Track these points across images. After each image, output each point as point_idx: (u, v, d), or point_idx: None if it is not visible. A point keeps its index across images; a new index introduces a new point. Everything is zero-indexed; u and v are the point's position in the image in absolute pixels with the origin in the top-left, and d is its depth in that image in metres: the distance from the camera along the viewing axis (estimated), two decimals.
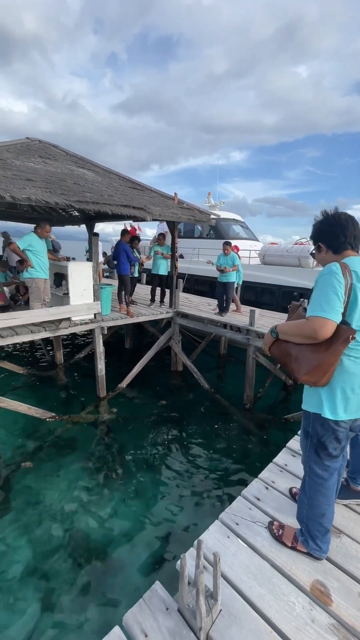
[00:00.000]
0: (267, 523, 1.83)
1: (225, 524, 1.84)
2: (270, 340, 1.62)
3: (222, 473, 4.60)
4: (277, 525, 1.80)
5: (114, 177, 6.95)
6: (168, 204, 6.62)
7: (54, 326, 5.41)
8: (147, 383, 7.19)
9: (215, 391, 6.95)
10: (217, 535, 1.76)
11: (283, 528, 1.77)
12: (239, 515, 1.90)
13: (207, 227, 11.78)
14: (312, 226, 1.59)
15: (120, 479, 4.38)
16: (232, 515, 1.90)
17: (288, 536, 1.72)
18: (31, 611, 2.77)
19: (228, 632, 1.33)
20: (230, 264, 6.81)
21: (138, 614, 1.38)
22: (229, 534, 1.77)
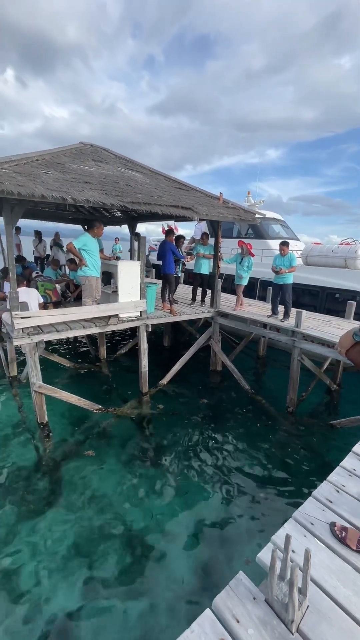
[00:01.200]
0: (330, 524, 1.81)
1: (300, 523, 1.85)
2: (349, 342, 1.54)
3: (268, 474, 4.57)
4: (339, 527, 1.77)
5: (160, 178, 7.09)
6: (213, 204, 6.65)
7: (104, 322, 5.64)
8: (187, 381, 7.28)
9: (256, 393, 6.89)
10: (294, 533, 1.77)
11: (346, 530, 1.74)
12: (312, 516, 1.90)
13: (245, 227, 11.64)
14: None
15: (166, 473, 4.49)
16: (306, 514, 1.90)
17: (352, 539, 1.69)
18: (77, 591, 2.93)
19: (319, 628, 1.34)
20: (287, 264, 6.45)
21: (227, 600, 1.44)
22: (306, 534, 1.78)
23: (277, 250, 10.54)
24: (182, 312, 6.94)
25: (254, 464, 4.78)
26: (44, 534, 3.48)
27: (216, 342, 7.58)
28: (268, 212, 11.99)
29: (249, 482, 4.41)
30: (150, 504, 3.96)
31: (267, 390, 7.35)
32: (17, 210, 4.50)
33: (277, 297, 6.73)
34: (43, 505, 3.87)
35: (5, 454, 4.72)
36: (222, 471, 4.60)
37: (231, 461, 4.81)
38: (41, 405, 5.24)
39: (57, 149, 6.05)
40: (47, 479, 4.31)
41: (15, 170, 4.45)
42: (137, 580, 3.05)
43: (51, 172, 4.92)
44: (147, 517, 3.76)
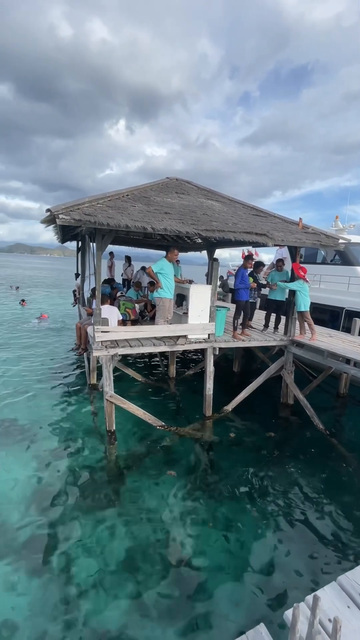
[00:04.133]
0: None
1: (344, 589, 1.60)
2: None
3: (335, 528, 3.99)
4: None
5: (238, 206, 7.28)
6: (291, 229, 6.47)
7: (172, 342, 5.91)
8: (253, 410, 6.96)
9: (331, 434, 6.14)
10: (335, 600, 1.54)
11: None
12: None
13: (331, 253, 10.86)
14: None
15: (218, 502, 4.32)
16: (354, 582, 1.63)
17: None
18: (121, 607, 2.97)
19: None
20: None
21: None
22: (350, 604, 1.52)
23: None
24: (252, 338, 6.77)
25: (318, 513, 4.23)
26: (97, 538, 3.69)
27: (289, 372, 7.11)
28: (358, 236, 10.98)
29: (307, 531, 3.91)
30: (201, 532, 3.85)
31: (347, 433, 6.49)
32: (107, 238, 5.19)
33: None
34: (102, 507, 4.13)
35: (76, 454, 5.23)
36: (281, 514, 4.19)
37: (293, 505, 4.35)
38: (111, 414, 5.68)
39: (145, 184, 6.82)
40: (109, 484, 4.59)
41: (108, 204, 5.18)
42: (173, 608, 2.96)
43: (137, 205, 5.57)
44: (199, 544, 3.67)
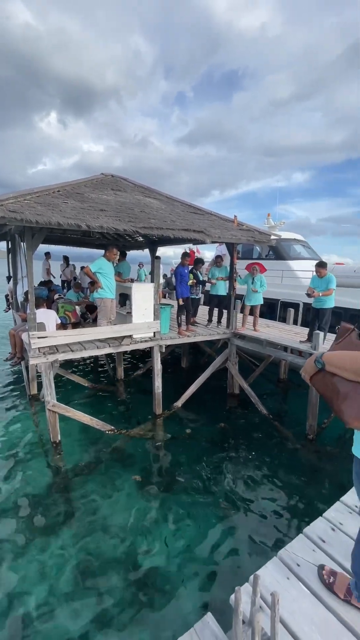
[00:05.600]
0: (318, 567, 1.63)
1: (284, 563, 1.69)
2: (313, 369, 1.34)
3: (279, 506, 4.26)
4: (328, 570, 1.59)
5: (176, 204, 7.34)
6: (227, 227, 6.73)
7: (117, 343, 5.75)
8: (202, 403, 7.12)
9: (274, 418, 6.57)
10: (276, 575, 1.62)
11: (335, 575, 1.56)
12: (300, 556, 1.73)
13: (266, 248, 11.60)
14: None
15: (173, 499, 4.32)
16: (293, 554, 1.74)
17: (340, 587, 1.50)
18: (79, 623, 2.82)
19: None
20: (324, 287, 5.85)
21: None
22: (289, 575, 1.62)
23: (298, 272, 10.36)
24: (197, 333, 6.91)
25: (269, 493, 4.48)
26: (50, 556, 3.45)
27: (233, 364, 7.41)
28: (289, 233, 11.90)
29: (257, 513, 4.12)
30: (160, 531, 3.81)
31: (287, 415, 6.98)
32: (37, 237, 4.83)
33: (314, 322, 6.21)
34: (51, 526, 3.86)
35: (18, 471, 4.81)
36: (236, 499, 4.35)
37: (245, 489, 4.55)
38: (54, 424, 5.34)
39: (78, 180, 6.51)
40: (57, 499, 4.31)
41: (36, 200, 4.83)
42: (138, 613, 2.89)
43: (70, 201, 5.28)
44: (156, 544, 3.62)
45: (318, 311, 6.12)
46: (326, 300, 5.97)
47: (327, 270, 6.00)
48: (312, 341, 5.93)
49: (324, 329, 6.07)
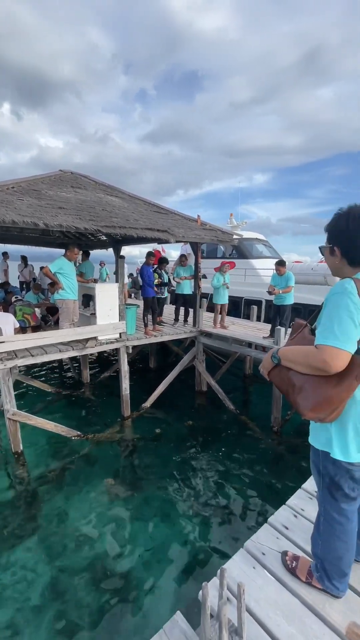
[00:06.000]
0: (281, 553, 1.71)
1: (250, 553, 1.74)
2: (270, 364, 1.41)
3: (249, 499, 4.39)
4: (290, 556, 1.66)
5: (139, 202, 7.27)
6: (191, 226, 6.79)
7: (81, 345, 5.58)
8: (171, 403, 7.13)
9: (241, 412, 6.75)
10: (242, 566, 1.66)
11: (297, 560, 1.63)
12: (265, 545, 1.79)
13: (229, 247, 11.88)
14: (333, 216, 1.32)
15: (143, 501, 4.29)
16: (258, 544, 1.80)
17: (302, 570, 1.58)
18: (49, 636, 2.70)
19: None
20: (283, 285, 6.13)
21: None
22: (255, 565, 1.67)
23: (260, 270, 10.73)
24: (164, 333, 6.90)
25: (237, 487, 4.59)
26: (16, 571, 3.26)
27: (200, 362, 7.51)
28: (250, 232, 12.29)
29: (227, 507, 4.21)
30: (129, 535, 3.75)
31: (253, 409, 7.21)
32: None
33: (275, 318, 6.47)
34: (15, 539, 3.65)
35: None
36: (205, 495, 4.40)
37: (214, 485, 4.62)
38: (15, 434, 5.06)
39: (35, 176, 6.21)
40: (21, 511, 4.09)
41: None
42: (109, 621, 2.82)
43: (26, 198, 5.02)
44: (125, 548, 3.56)
45: (279, 308, 6.39)
46: (286, 297, 6.25)
47: (287, 269, 6.28)
48: (274, 337, 6.17)
49: (285, 325, 6.35)
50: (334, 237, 1.32)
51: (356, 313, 1.15)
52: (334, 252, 1.32)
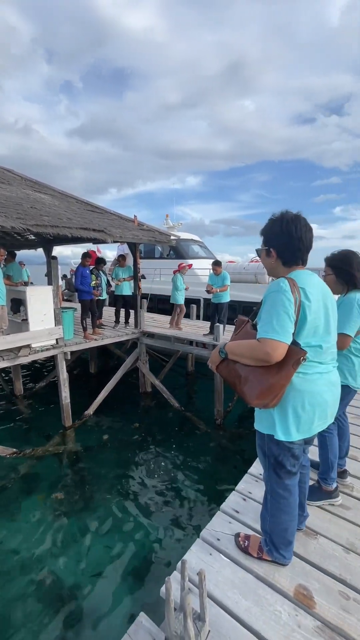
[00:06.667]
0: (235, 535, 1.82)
1: (206, 541, 1.82)
2: (218, 359, 1.52)
3: (200, 491, 4.54)
4: (242, 536, 1.79)
5: (72, 200, 6.94)
6: (128, 226, 6.73)
7: (13, 354, 5.12)
8: (115, 407, 6.97)
9: (186, 409, 6.92)
10: (200, 554, 1.73)
11: (249, 539, 1.76)
12: (219, 531, 1.89)
13: (167, 248, 12.07)
14: (268, 221, 1.45)
15: (93, 511, 4.12)
16: (213, 531, 1.89)
17: (254, 547, 1.71)
18: None
19: None
20: (220, 283, 6.48)
21: None
22: (212, 551, 1.75)
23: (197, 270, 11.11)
24: (104, 336, 6.72)
25: (187, 481, 4.71)
26: None
27: (143, 363, 7.49)
28: (186, 233, 12.65)
29: (184, 503, 4.30)
30: (79, 549, 3.56)
31: (197, 405, 7.46)
32: None
33: (214, 315, 6.76)
34: None
35: None
36: (157, 495, 4.41)
37: (164, 483, 4.66)
38: None
39: None
40: None
41: None
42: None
43: None
44: (78, 564, 3.37)
45: (217, 306, 6.72)
46: (223, 295, 6.61)
47: (222, 268, 6.64)
48: (213, 333, 6.47)
49: (223, 322, 6.71)
50: (269, 240, 1.47)
51: (291, 308, 1.30)
52: (270, 253, 1.47)
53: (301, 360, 1.32)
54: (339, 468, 2.29)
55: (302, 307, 1.33)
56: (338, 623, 1.40)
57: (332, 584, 1.58)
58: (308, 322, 1.35)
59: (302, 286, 1.35)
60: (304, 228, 1.40)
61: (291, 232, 1.39)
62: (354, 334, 2.01)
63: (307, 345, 1.37)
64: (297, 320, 1.32)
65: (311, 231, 1.43)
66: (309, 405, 1.40)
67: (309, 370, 1.41)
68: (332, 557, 1.72)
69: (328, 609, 1.46)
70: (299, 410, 1.41)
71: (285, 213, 1.43)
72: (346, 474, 2.37)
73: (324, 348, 1.41)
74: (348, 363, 2.09)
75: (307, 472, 1.79)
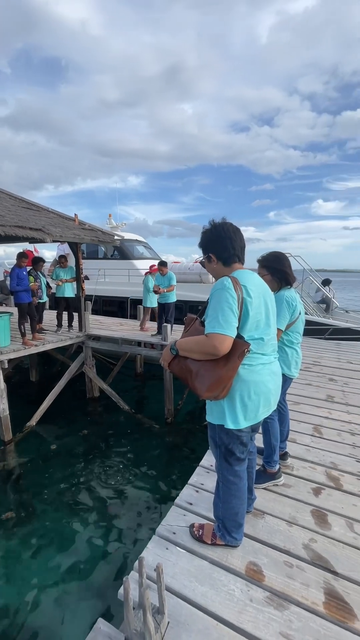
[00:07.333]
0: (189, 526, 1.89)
1: (162, 536, 1.84)
2: (169, 356, 1.59)
3: (154, 491, 4.55)
4: (197, 526, 1.86)
5: (4, 196, 6.42)
6: (68, 225, 6.45)
7: None
8: (61, 416, 6.63)
9: (136, 411, 6.87)
10: (157, 550, 1.75)
11: (203, 528, 1.84)
12: (175, 525, 1.93)
13: (111, 248, 11.81)
14: (201, 234, 1.61)
15: (42, 528, 3.87)
16: (168, 526, 1.92)
17: (207, 534, 1.80)
18: None
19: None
20: (167, 284, 6.57)
21: None
22: (168, 545, 1.78)
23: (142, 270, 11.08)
24: (46, 341, 6.34)
25: (141, 483, 4.68)
26: None
27: (90, 367, 7.23)
28: (130, 234, 12.53)
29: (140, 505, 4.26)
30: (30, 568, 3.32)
31: (148, 406, 7.45)
32: None
33: (161, 316, 6.80)
34: None
35: None
36: (110, 501, 4.30)
37: (118, 488, 4.56)
38: None
39: None
40: None
41: None
42: None
43: None
44: (30, 585, 3.13)
45: (164, 306, 6.79)
46: (170, 295, 6.71)
47: (168, 269, 6.73)
48: (162, 333, 6.53)
49: (170, 321, 6.80)
50: (207, 248, 1.61)
51: (234, 304, 1.40)
52: (211, 259, 1.60)
53: (245, 352, 1.42)
54: (280, 451, 2.50)
55: (245, 303, 1.43)
56: (284, 590, 1.54)
57: (278, 555, 1.73)
58: (250, 316, 1.46)
59: (244, 284, 1.46)
60: (230, 228, 1.56)
61: (221, 234, 1.55)
62: (285, 328, 2.22)
63: (251, 338, 1.48)
64: (240, 315, 1.43)
65: (239, 231, 1.59)
66: (255, 394, 1.51)
67: (253, 362, 1.52)
68: (277, 532, 1.88)
69: (275, 579, 1.60)
70: (246, 400, 1.51)
71: (212, 222, 1.60)
72: (287, 455, 2.59)
73: (265, 340, 1.54)
74: (282, 354, 2.29)
75: (254, 457, 1.93)
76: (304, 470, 2.50)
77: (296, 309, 2.26)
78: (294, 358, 2.34)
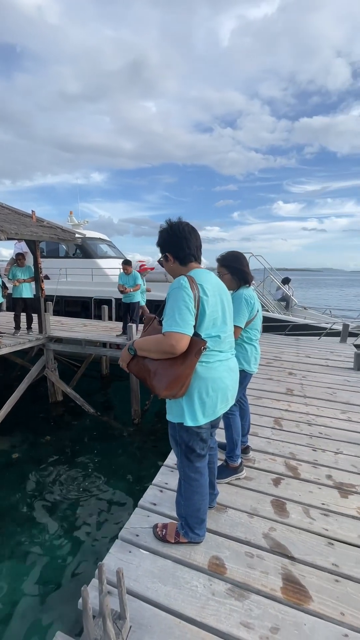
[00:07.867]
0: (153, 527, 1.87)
1: (125, 540, 1.81)
2: (128, 357, 1.58)
3: (121, 494, 4.48)
4: (160, 526, 1.85)
5: None
6: (25, 222, 6.13)
7: None
8: (22, 422, 6.31)
9: (103, 414, 6.73)
10: (119, 555, 1.72)
11: (166, 527, 1.84)
12: (138, 527, 1.91)
13: (72, 247, 11.41)
14: (158, 233, 1.61)
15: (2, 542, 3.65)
16: (131, 528, 1.90)
17: (171, 533, 1.80)
18: None
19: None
20: (132, 283, 6.49)
21: None
22: (131, 549, 1.76)
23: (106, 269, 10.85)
24: (2, 344, 5.98)
25: (106, 486, 4.58)
26: None
27: (52, 370, 6.95)
28: (93, 232, 12.20)
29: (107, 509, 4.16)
30: None
31: (114, 408, 7.32)
32: None
33: (126, 316, 6.69)
34: None
35: None
36: (74, 508, 4.16)
37: (82, 493, 4.43)
38: None
39: None
40: None
41: None
42: None
43: None
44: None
45: (129, 305, 6.70)
46: (134, 295, 6.62)
47: (132, 268, 6.65)
48: (127, 333, 6.43)
49: (136, 321, 6.73)
50: (164, 247, 1.60)
51: (191, 303, 1.41)
52: (168, 258, 1.61)
53: (202, 350, 1.44)
54: (242, 445, 2.57)
55: (201, 302, 1.45)
56: (245, 580, 1.58)
57: (239, 547, 1.77)
58: (207, 315, 1.48)
59: (200, 283, 1.47)
60: (186, 228, 1.56)
61: (177, 234, 1.55)
62: (244, 325, 2.28)
63: (208, 336, 1.50)
64: (197, 313, 1.44)
65: (195, 231, 1.61)
66: (212, 391, 1.53)
67: (210, 359, 1.54)
68: (239, 525, 1.93)
69: (237, 570, 1.63)
70: (204, 396, 1.52)
71: (168, 221, 1.59)
72: (249, 449, 2.67)
73: (222, 338, 1.57)
74: (242, 350, 2.35)
75: (215, 452, 1.96)
76: (264, 462, 2.59)
77: (254, 307, 2.32)
78: (253, 354, 2.41)
